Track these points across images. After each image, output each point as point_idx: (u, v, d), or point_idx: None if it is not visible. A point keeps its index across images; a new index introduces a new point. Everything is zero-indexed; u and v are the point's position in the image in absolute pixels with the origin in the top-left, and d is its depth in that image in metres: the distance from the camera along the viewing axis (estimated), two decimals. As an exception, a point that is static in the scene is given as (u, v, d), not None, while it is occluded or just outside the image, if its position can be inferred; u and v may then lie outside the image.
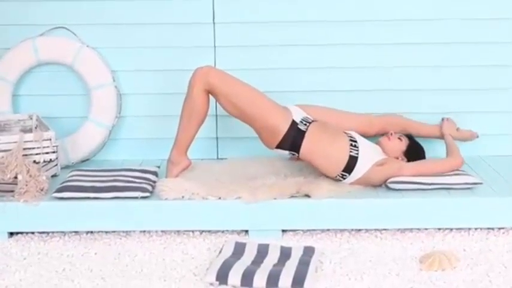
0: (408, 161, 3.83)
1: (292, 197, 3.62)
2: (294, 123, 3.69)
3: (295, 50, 4.19)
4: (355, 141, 3.75)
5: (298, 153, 3.71)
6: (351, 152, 3.70)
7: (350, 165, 3.69)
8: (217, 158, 4.32)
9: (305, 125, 3.72)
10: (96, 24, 4.17)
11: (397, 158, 3.82)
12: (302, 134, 3.69)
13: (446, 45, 4.18)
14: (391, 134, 3.87)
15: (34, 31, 4.15)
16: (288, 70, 4.21)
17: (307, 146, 3.68)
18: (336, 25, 4.16)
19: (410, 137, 3.94)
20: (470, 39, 4.18)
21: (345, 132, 3.81)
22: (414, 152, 3.88)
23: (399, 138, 3.88)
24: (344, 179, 3.73)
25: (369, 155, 3.74)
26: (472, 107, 4.27)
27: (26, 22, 4.16)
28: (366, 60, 4.20)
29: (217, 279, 3.07)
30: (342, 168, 3.69)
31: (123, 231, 3.64)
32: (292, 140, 3.68)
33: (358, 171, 3.70)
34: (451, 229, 3.63)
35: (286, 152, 3.73)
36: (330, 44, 4.19)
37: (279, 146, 3.71)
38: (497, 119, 4.28)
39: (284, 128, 3.67)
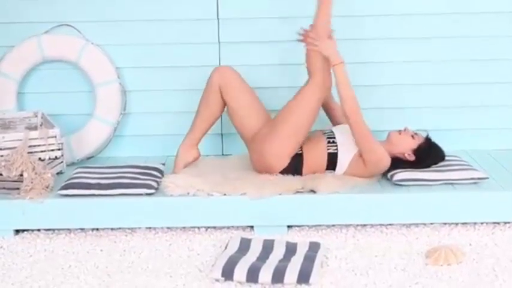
0: (417, 160, 3.76)
1: (297, 192, 3.62)
2: None
3: (299, 46, 4.18)
4: (333, 138, 3.76)
5: (301, 174, 3.75)
6: (328, 149, 3.73)
7: (331, 162, 3.73)
8: (222, 155, 4.32)
9: None
10: (101, 22, 4.18)
11: (404, 155, 3.77)
12: (300, 156, 3.74)
13: (452, 39, 4.18)
14: (404, 129, 3.82)
15: (39, 28, 4.16)
16: (293, 66, 4.20)
17: (307, 165, 3.74)
18: (342, 20, 4.14)
19: (427, 137, 3.82)
20: (475, 34, 4.18)
21: (322, 131, 3.83)
22: (425, 152, 3.78)
23: (412, 136, 3.79)
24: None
25: (349, 146, 3.74)
26: (477, 101, 4.26)
27: (31, 20, 4.17)
28: (372, 55, 4.21)
29: (222, 275, 3.07)
30: (325, 167, 3.74)
31: (129, 228, 3.64)
32: (294, 165, 3.74)
33: (342, 165, 3.72)
34: (457, 224, 3.63)
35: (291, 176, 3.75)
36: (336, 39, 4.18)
37: (282, 172, 3.74)
38: (503, 112, 4.28)
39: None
